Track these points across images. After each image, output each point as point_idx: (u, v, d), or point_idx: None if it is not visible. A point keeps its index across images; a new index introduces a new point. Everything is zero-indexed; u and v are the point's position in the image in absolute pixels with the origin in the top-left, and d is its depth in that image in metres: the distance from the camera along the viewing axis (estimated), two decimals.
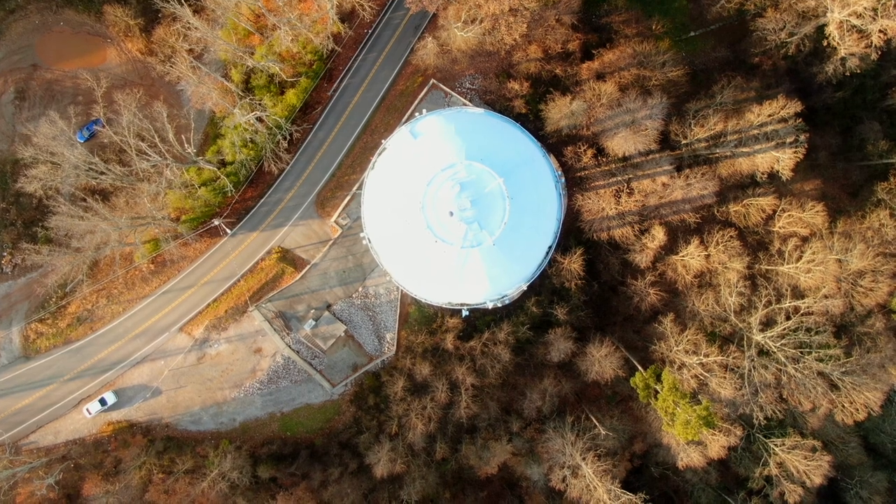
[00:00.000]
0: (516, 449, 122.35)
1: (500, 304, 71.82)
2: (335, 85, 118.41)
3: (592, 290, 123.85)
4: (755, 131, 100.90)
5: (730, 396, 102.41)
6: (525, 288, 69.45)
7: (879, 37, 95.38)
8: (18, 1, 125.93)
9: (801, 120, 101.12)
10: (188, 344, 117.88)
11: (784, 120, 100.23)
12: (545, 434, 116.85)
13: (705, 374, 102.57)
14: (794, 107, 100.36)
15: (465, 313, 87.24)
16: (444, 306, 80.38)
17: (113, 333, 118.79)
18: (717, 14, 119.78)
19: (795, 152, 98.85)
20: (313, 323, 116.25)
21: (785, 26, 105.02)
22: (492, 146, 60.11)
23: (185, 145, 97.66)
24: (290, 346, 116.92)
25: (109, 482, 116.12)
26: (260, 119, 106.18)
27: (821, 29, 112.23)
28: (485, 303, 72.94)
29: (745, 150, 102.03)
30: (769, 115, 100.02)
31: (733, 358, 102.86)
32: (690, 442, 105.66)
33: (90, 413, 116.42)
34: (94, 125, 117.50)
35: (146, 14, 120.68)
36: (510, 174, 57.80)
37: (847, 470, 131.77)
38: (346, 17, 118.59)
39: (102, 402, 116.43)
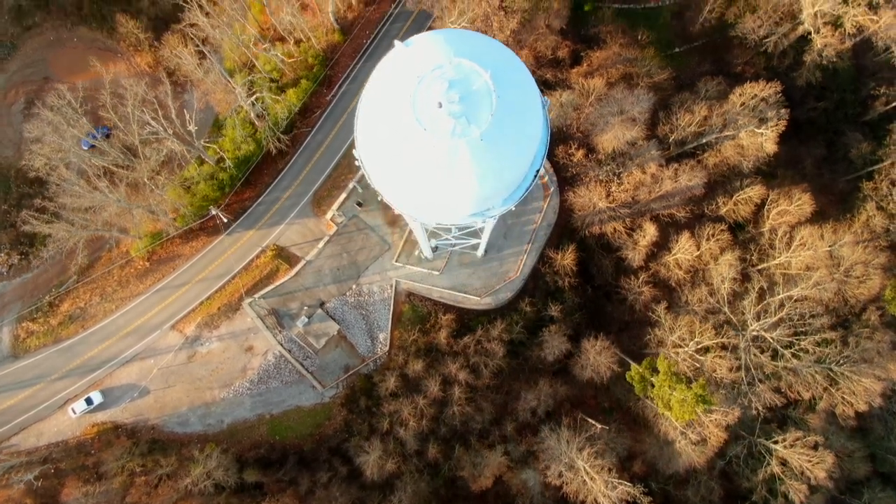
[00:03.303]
0: (511, 461, 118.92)
1: (487, 220, 72.17)
2: (334, 91, 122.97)
3: (587, 293, 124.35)
4: (738, 114, 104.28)
5: (726, 377, 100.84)
6: (512, 209, 69.92)
7: (851, 23, 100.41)
8: (36, 19, 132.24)
9: (781, 96, 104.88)
10: (179, 342, 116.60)
11: (765, 100, 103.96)
12: (540, 434, 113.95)
13: (700, 357, 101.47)
14: (775, 87, 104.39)
15: (454, 233, 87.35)
16: (434, 228, 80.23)
17: (104, 331, 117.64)
18: (700, 30, 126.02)
19: (777, 124, 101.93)
20: (306, 320, 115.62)
21: (763, 24, 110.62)
22: (479, 50, 62.24)
23: (188, 124, 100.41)
24: (282, 345, 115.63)
25: (90, 484, 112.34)
26: (261, 111, 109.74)
27: (801, 39, 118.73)
28: (473, 224, 73.15)
29: (729, 132, 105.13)
30: (752, 97, 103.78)
31: (728, 339, 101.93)
32: (688, 426, 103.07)
33: (75, 413, 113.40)
34: (98, 132, 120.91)
35: (156, 28, 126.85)
36: (497, 72, 59.89)
37: (855, 491, 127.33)
38: (347, 28, 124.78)
39: (88, 401, 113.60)
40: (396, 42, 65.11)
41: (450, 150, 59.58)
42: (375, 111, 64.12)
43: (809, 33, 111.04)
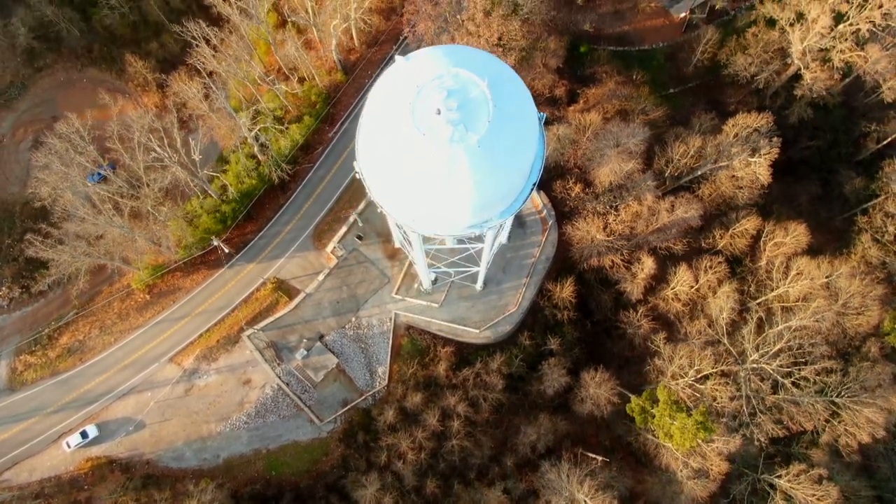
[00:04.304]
0: (511, 500, 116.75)
1: (484, 231, 72.80)
2: (336, 128, 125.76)
3: (586, 328, 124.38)
4: (731, 145, 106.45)
5: (726, 406, 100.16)
6: (509, 224, 70.93)
7: (839, 59, 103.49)
8: (47, 60, 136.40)
9: (773, 125, 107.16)
10: (177, 374, 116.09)
11: (757, 130, 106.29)
12: (540, 469, 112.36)
13: (700, 385, 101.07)
14: (766, 117, 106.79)
15: (452, 245, 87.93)
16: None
17: (102, 364, 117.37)
18: (693, 71, 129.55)
19: (769, 152, 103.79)
20: (305, 353, 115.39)
21: (753, 61, 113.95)
22: (476, 62, 64.39)
23: (193, 152, 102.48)
24: (280, 378, 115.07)
25: None
26: (265, 141, 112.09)
27: (791, 80, 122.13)
28: (469, 233, 73.50)
29: (723, 163, 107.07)
30: (744, 127, 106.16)
31: (728, 366, 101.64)
32: (689, 455, 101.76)
33: (70, 446, 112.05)
34: (103, 169, 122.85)
35: (164, 70, 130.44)
36: (493, 82, 61.89)
37: None
38: (349, 68, 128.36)
39: (84, 434, 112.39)
40: (397, 56, 67.42)
41: (448, 156, 61.00)
42: (376, 121, 65.92)
43: (799, 69, 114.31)
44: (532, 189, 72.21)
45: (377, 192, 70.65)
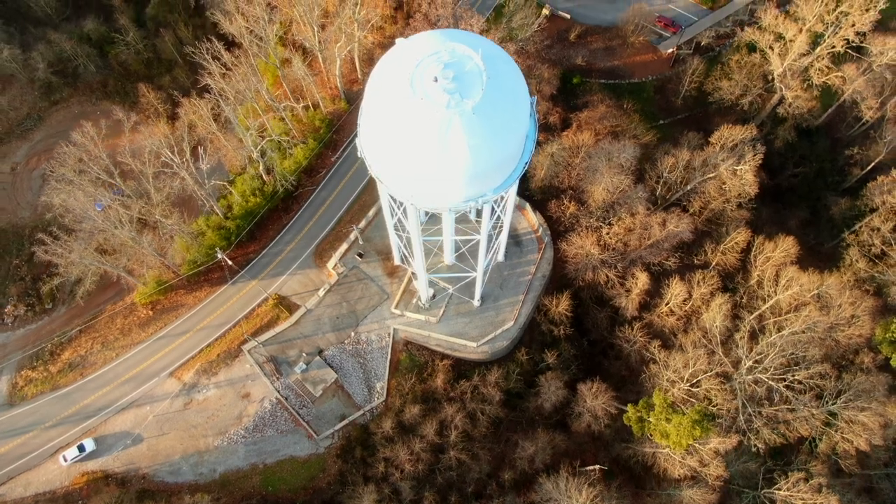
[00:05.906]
0: None
1: (480, 205, 75.76)
2: (338, 153, 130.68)
3: (582, 346, 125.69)
4: (717, 154, 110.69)
5: (721, 406, 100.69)
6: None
7: (818, 77, 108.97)
8: (63, 94, 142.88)
9: (757, 133, 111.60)
10: (176, 388, 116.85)
11: (742, 141, 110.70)
12: (538, 480, 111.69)
13: (694, 390, 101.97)
14: (750, 129, 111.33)
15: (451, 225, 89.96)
16: (427, 210, 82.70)
17: (102, 379, 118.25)
18: (682, 104, 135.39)
19: (754, 157, 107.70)
20: (304, 367, 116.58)
21: (738, 84, 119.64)
22: (470, 41, 69.14)
23: (201, 161, 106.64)
24: (279, 392, 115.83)
25: None
26: (270, 156, 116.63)
27: (775, 107, 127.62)
28: (466, 208, 76.39)
29: (711, 174, 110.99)
30: (729, 138, 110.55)
31: (722, 367, 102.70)
32: (686, 455, 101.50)
33: (66, 460, 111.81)
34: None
35: (174, 102, 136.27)
36: (486, 56, 66.61)
37: None
38: (352, 97, 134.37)
39: (81, 448, 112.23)
40: (398, 39, 72.35)
41: (445, 120, 65.03)
42: (377, 95, 70.02)
43: (782, 93, 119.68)
44: (524, 168, 75.92)
45: (377, 167, 74.21)
